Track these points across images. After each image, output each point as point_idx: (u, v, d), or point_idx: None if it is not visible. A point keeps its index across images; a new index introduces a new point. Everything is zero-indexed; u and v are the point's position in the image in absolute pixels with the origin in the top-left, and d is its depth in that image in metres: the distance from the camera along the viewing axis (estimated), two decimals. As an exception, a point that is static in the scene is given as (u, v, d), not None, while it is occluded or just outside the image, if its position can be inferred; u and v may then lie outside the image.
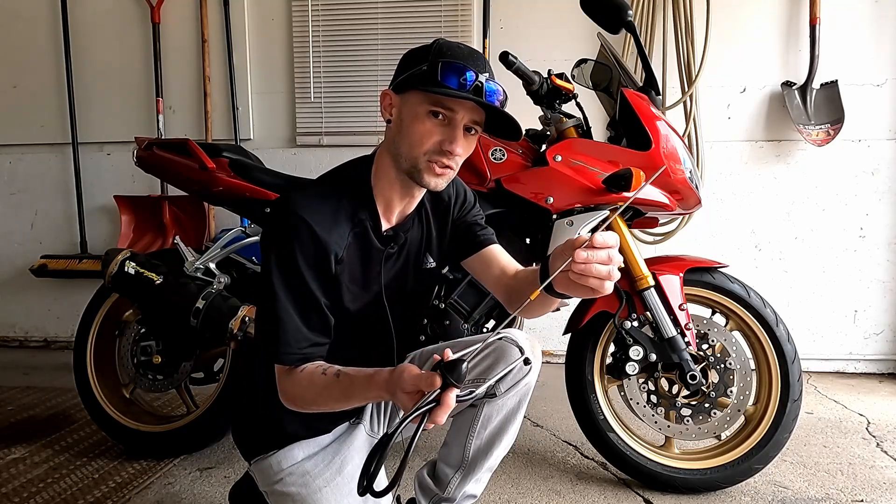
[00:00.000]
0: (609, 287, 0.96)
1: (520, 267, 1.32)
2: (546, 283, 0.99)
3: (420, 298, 1.38)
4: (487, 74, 1.10)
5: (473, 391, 0.90)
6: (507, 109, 1.14)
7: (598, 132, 2.16)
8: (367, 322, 1.25)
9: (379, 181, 1.19)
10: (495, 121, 1.16)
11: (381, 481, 0.87)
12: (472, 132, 1.14)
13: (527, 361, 1.21)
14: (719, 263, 1.86)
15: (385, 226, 1.22)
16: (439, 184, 1.15)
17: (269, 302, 1.12)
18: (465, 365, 0.85)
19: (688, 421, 1.80)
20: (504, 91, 1.14)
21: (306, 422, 1.27)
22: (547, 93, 1.80)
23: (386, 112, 1.17)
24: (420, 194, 1.24)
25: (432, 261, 1.33)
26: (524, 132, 1.94)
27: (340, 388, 1.04)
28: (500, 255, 1.33)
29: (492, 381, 1.04)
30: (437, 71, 1.07)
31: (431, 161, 1.11)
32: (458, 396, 0.87)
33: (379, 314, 1.25)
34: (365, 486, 0.85)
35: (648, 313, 1.79)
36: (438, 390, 0.85)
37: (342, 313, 1.20)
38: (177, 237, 2.04)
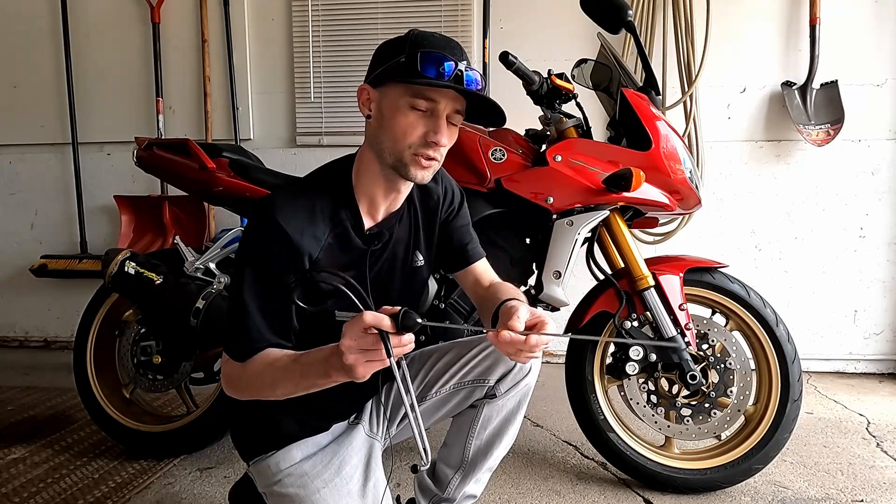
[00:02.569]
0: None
1: (495, 278, 1.36)
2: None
3: (409, 297, 1.36)
4: (466, 62, 1.09)
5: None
6: (508, 107, 1.14)
7: (598, 132, 2.16)
8: None
9: (361, 178, 1.18)
10: (477, 109, 1.15)
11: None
12: (455, 122, 1.13)
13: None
14: (719, 263, 1.86)
15: (369, 224, 1.20)
16: (425, 176, 1.14)
17: (236, 298, 1.11)
18: (417, 318, 0.87)
19: (688, 421, 1.79)
20: (483, 78, 1.13)
21: (302, 421, 1.27)
22: (547, 93, 1.80)
23: (364, 107, 1.15)
24: (406, 189, 1.22)
25: (421, 258, 1.31)
26: (524, 132, 1.95)
27: (290, 357, 1.05)
28: (479, 268, 1.36)
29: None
30: (416, 61, 1.06)
31: (417, 154, 1.10)
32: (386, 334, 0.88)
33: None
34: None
35: (648, 313, 1.79)
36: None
37: (327, 313, 1.18)
38: (177, 237, 2.04)
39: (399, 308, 0.88)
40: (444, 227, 1.34)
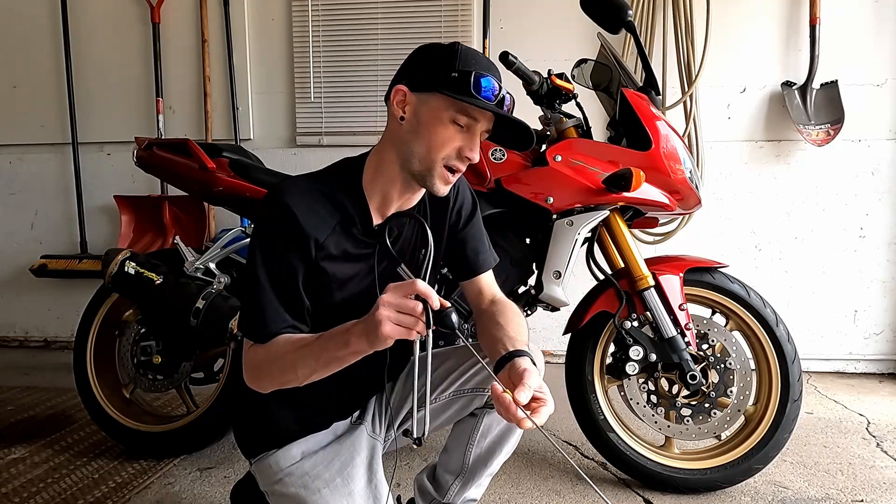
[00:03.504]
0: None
1: (497, 293, 1.37)
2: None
3: None
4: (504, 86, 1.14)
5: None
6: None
7: (598, 132, 2.16)
8: (360, 316, 1.24)
9: (378, 176, 1.19)
10: (504, 130, 1.18)
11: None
12: (481, 139, 1.17)
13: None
14: (719, 263, 1.86)
15: (377, 220, 1.21)
16: (445, 191, 1.17)
17: (251, 281, 1.13)
18: (455, 316, 0.92)
19: (688, 421, 1.79)
20: (513, 99, 1.17)
21: (302, 418, 1.27)
22: (547, 93, 1.80)
23: (399, 109, 1.14)
24: (420, 193, 1.24)
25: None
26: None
27: (312, 337, 1.07)
28: (485, 280, 1.37)
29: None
30: (469, 80, 1.08)
31: (448, 167, 1.13)
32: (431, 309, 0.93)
33: (371, 308, 1.24)
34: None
35: (648, 313, 1.79)
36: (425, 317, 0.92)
37: (333, 305, 1.19)
38: (177, 237, 2.04)
39: (449, 304, 0.92)
40: (457, 233, 1.34)
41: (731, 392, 1.78)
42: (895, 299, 2.97)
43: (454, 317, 0.91)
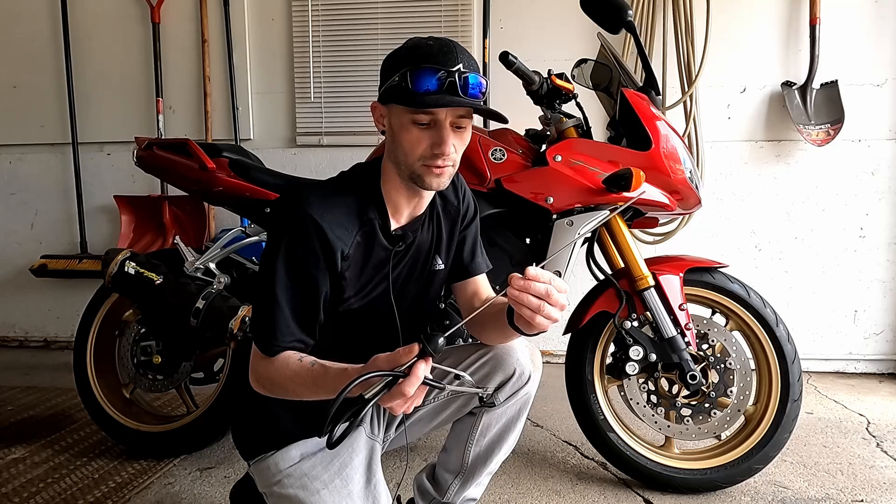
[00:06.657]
0: (541, 323, 0.98)
1: (491, 293, 1.36)
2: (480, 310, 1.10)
3: (428, 299, 1.37)
4: (461, 65, 1.08)
5: (440, 383, 0.93)
6: (507, 107, 1.14)
7: (598, 132, 2.17)
8: (374, 320, 1.25)
9: (386, 185, 1.21)
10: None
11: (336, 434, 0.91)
12: (462, 125, 1.14)
13: (482, 400, 1.21)
14: (719, 263, 1.86)
15: (394, 225, 1.22)
16: (441, 183, 1.16)
17: (267, 292, 1.13)
18: (442, 339, 0.88)
19: (688, 421, 1.80)
20: (480, 74, 1.12)
21: (302, 420, 1.27)
22: (547, 93, 1.80)
23: (379, 124, 1.19)
24: (428, 195, 1.25)
25: (441, 263, 1.33)
26: (524, 132, 1.95)
27: (312, 376, 1.06)
28: (480, 281, 1.37)
29: (459, 379, 1.04)
30: (407, 81, 1.07)
31: (427, 165, 1.12)
32: (427, 379, 0.89)
33: (386, 312, 1.25)
34: (329, 435, 0.90)
35: (648, 313, 1.79)
36: (415, 358, 0.88)
37: (348, 311, 1.20)
38: (177, 237, 2.04)
39: (416, 343, 0.90)
40: (459, 234, 1.35)
41: (731, 392, 1.78)
42: (895, 299, 2.96)
43: (435, 339, 0.89)
